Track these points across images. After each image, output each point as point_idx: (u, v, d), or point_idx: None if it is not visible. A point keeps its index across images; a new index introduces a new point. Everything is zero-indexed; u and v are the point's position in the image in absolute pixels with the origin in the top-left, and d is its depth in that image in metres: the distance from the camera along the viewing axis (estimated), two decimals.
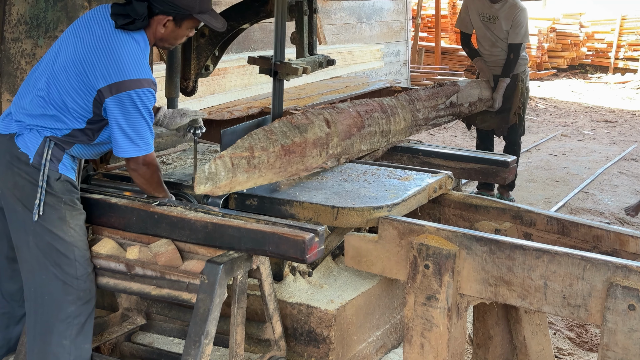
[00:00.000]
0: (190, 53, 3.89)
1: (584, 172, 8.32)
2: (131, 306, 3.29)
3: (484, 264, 2.65)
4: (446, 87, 4.91)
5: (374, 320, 3.28)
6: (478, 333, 3.32)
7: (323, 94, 6.67)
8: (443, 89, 4.83)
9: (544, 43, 16.58)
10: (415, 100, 4.26)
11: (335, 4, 9.69)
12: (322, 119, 3.27)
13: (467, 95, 5.27)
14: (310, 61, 3.55)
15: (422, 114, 4.27)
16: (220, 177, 2.71)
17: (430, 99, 4.53)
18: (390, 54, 10.90)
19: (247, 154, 2.80)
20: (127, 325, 3.26)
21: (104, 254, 2.85)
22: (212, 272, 2.62)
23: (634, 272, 2.42)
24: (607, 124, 11.66)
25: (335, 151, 3.35)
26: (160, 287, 2.76)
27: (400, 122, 3.95)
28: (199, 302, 2.64)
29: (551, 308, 2.57)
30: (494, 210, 3.36)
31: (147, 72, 2.73)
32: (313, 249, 2.61)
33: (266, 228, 2.65)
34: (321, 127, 3.24)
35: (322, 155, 3.24)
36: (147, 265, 2.78)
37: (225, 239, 2.69)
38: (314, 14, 3.59)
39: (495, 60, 6.04)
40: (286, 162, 2.99)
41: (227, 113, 5.49)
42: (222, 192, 2.76)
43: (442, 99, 4.71)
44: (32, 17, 3.45)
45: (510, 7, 5.93)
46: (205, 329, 2.61)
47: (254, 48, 7.77)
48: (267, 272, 2.88)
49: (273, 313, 2.95)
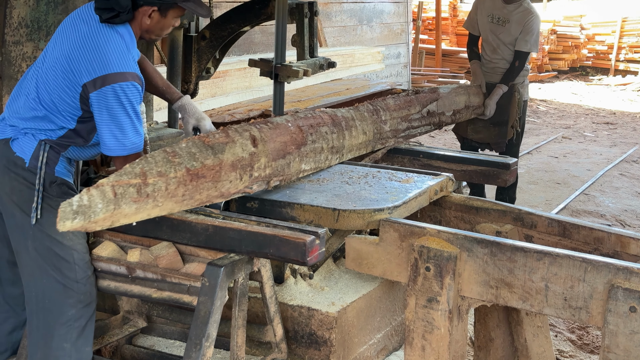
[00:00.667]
0: (191, 56, 3.90)
1: (585, 174, 8.32)
2: (132, 309, 3.29)
3: (485, 266, 2.65)
4: (423, 94, 4.45)
5: (375, 322, 3.28)
6: (479, 335, 3.32)
7: (324, 96, 6.67)
8: (418, 97, 4.36)
9: (545, 45, 16.58)
10: (382, 110, 3.84)
11: (336, 6, 9.69)
12: (247, 136, 2.82)
13: (451, 102, 4.79)
14: (311, 64, 3.56)
15: (389, 126, 3.88)
16: (95, 210, 2.27)
17: (401, 108, 4.08)
18: (391, 56, 10.91)
19: (138, 181, 2.37)
20: (128, 328, 3.25)
21: (104, 257, 2.85)
22: (213, 275, 2.62)
23: (635, 274, 2.42)
24: (608, 126, 11.66)
25: (263, 173, 2.90)
26: (161, 290, 2.75)
27: (359, 135, 3.57)
28: (199, 305, 2.63)
29: (552, 310, 2.57)
30: (495, 213, 3.36)
31: (132, 66, 2.70)
32: (314, 251, 2.60)
33: (267, 230, 2.65)
34: (245, 146, 2.78)
35: (243, 178, 2.78)
36: (148, 268, 2.77)
37: (226, 242, 2.69)
38: (314, 17, 3.60)
39: (493, 67, 5.61)
40: (193, 188, 2.56)
41: (228, 116, 5.50)
42: (101, 226, 2.33)
43: (417, 108, 4.25)
44: (33, 20, 3.45)
45: (524, 12, 5.51)
46: (206, 332, 2.61)
47: (254, 51, 7.78)
48: (268, 275, 2.88)
49: (274, 315, 2.95)
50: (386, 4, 10.86)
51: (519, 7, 5.51)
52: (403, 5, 11.31)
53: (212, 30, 3.85)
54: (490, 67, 5.63)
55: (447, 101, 4.72)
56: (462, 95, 5.03)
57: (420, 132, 4.32)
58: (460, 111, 4.97)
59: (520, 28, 5.46)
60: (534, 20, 5.48)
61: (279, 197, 3.12)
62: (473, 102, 5.21)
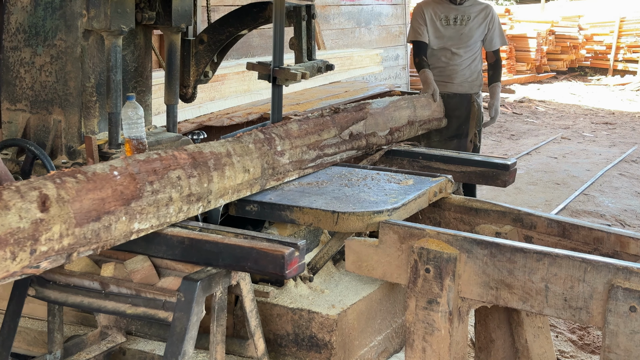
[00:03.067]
0: (189, 60, 3.91)
1: (584, 175, 8.32)
2: (110, 324, 3.17)
3: (484, 267, 2.65)
4: (343, 114, 3.70)
5: (376, 324, 3.28)
6: (480, 336, 3.32)
7: (322, 99, 6.68)
8: (336, 117, 3.62)
9: (543, 46, 16.60)
10: (277, 138, 3.18)
11: (334, 9, 9.70)
12: (34, 197, 2.12)
13: (386, 120, 4.06)
14: (309, 66, 3.56)
15: (289, 157, 3.24)
16: None
17: (309, 133, 3.39)
18: (390, 58, 10.91)
19: None
20: (107, 344, 3.12)
21: (77, 272, 2.75)
22: (189, 290, 2.52)
23: (634, 273, 2.42)
24: (607, 126, 11.67)
25: (58, 245, 2.19)
26: (136, 306, 2.64)
27: (236, 175, 2.91)
28: (175, 321, 2.53)
29: (552, 311, 2.57)
30: (495, 214, 3.36)
31: None
32: (293, 264, 2.52)
33: (244, 243, 2.55)
34: (26, 211, 2.08)
35: (18, 257, 2.06)
36: (122, 283, 2.66)
37: (203, 255, 2.59)
38: (312, 19, 3.60)
39: (450, 74, 5.18)
40: None
41: (226, 119, 5.51)
42: None
43: (333, 131, 3.56)
44: (31, 26, 3.45)
45: (481, 7, 5.20)
46: (182, 349, 2.50)
47: (253, 54, 7.79)
48: (248, 288, 2.78)
49: (255, 330, 2.85)
50: (384, 6, 10.87)
51: (473, 3, 5.24)
52: (401, 7, 11.32)
53: (210, 34, 3.85)
54: (446, 75, 5.23)
55: (381, 119, 4.00)
56: (405, 109, 4.32)
57: (340, 159, 3.64)
58: (400, 129, 4.22)
59: (485, 24, 5.20)
60: (494, 13, 5.26)
61: (278, 200, 3.12)
62: (421, 115, 4.54)
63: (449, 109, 5.10)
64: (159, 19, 3.63)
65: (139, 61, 3.74)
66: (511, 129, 11.23)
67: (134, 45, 3.70)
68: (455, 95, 5.18)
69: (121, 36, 3.39)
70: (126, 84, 3.65)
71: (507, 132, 10.98)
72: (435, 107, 4.81)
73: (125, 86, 3.62)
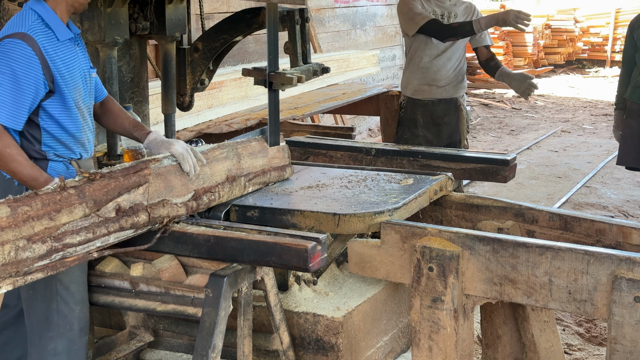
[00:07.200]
0: (185, 68, 3.91)
1: (585, 167, 8.32)
2: (138, 324, 3.29)
3: (487, 263, 2.65)
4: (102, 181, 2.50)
5: (382, 325, 3.28)
6: (486, 333, 3.32)
7: (321, 102, 6.67)
8: (84, 189, 2.42)
9: (540, 40, 16.59)
10: None
11: (329, 11, 9.70)
12: None
13: (189, 179, 2.84)
14: (305, 70, 3.56)
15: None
16: None
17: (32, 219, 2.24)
18: (386, 58, 10.91)
19: None
20: (135, 343, 3.25)
21: (108, 273, 2.86)
22: (216, 286, 2.62)
23: (638, 264, 2.41)
24: (607, 117, 11.65)
25: None
26: (166, 303, 2.76)
27: None
28: (204, 316, 2.64)
29: (557, 304, 2.57)
30: (496, 210, 3.36)
31: (27, 29, 2.55)
32: (316, 257, 2.60)
33: (268, 239, 2.65)
34: None
35: None
36: (152, 281, 2.78)
37: (228, 252, 2.69)
38: (305, 23, 3.60)
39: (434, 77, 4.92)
40: None
41: (225, 126, 5.50)
42: None
43: (82, 211, 2.40)
44: None
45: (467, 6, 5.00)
46: (212, 343, 2.61)
47: (249, 60, 7.79)
48: (272, 283, 2.88)
49: (280, 323, 2.95)
50: (379, 7, 10.86)
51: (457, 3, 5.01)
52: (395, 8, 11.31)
53: (204, 42, 3.86)
54: (431, 77, 4.94)
55: (178, 179, 2.80)
56: (222, 161, 3.06)
57: (104, 245, 2.49)
58: (213, 189, 2.98)
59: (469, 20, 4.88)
60: (477, 8, 5.05)
61: (279, 204, 3.12)
62: (250, 167, 3.22)
63: (437, 116, 4.98)
64: (153, 28, 3.63)
65: (135, 72, 3.75)
66: (511, 124, 11.23)
67: (129, 56, 3.70)
68: (440, 102, 4.97)
69: (116, 47, 3.39)
70: (123, 94, 3.65)
71: (507, 127, 10.97)
72: (274, 153, 3.37)
73: (122, 97, 3.63)
